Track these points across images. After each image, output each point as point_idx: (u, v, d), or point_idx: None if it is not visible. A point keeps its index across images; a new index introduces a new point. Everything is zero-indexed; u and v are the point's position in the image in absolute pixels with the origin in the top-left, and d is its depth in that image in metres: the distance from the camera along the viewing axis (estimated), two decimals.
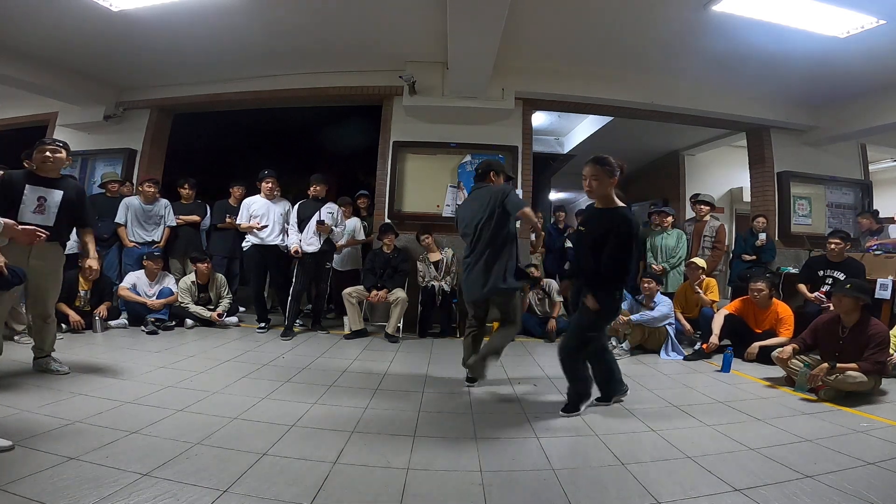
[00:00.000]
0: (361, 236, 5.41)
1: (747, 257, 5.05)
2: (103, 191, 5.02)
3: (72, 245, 4.61)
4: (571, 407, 2.52)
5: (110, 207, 4.78)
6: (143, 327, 4.12)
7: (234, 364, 3.27)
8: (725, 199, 8.15)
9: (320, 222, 4.34)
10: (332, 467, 1.80)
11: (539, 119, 7.44)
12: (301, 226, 4.38)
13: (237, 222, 4.65)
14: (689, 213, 6.24)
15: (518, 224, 3.05)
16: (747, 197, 6.72)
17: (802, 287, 4.41)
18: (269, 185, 4.61)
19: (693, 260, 4.54)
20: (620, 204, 2.44)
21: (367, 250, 5.33)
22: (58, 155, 2.86)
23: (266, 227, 4.51)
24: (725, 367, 3.57)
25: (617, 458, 1.99)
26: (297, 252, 4.30)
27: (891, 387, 3.06)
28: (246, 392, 2.66)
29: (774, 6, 3.60)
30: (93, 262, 2.83)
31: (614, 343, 4.06)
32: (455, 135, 5.33)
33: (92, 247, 3.01)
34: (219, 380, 2.86)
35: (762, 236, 5.01)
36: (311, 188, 4.46)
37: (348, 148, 7.42)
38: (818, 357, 3.14)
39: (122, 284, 4.38)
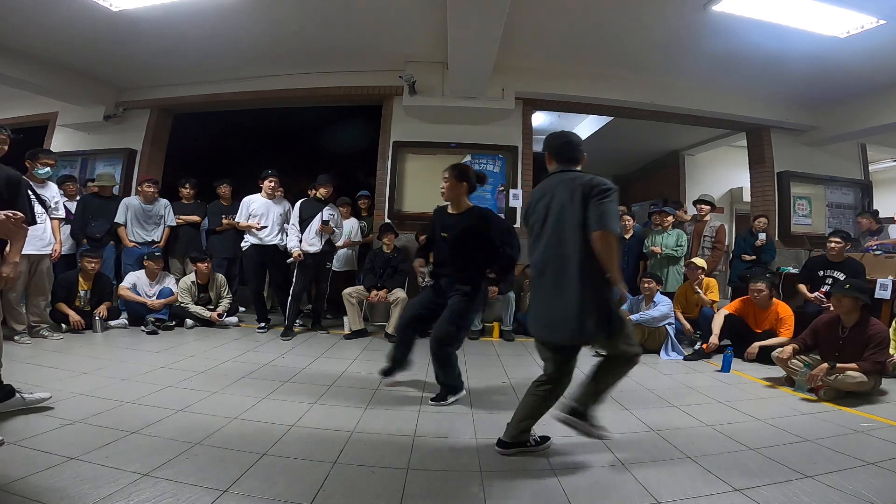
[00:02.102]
0: (358, 237, 5.41)
1: (747, 257, 5.04)
2: (98, 191, 5.00)
3: (72, 246, 4.66)
4: (441, 397, 2.63)
5: (100, 207, 4.77)
6: (143, 327, 4.11)
7: (234, 364, 3.27)
8: (725, 199, 8.16)
9: (325, 223, 4.34)
10: (331, 467, 1.80)
11: (539, 119, 7.44)
12: (302, 226, 4.37)
13: (236, 220, 4.64)
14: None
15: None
16: (747, 197, 6.72)
17: (802, 287, 4.41)
18: (272, 184, 4.61)
19: (693, 260, 4.53)
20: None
21: (365, 251, 5.33)
22: None
23: (265, 227, 4.51)
24: (725, 367, 3.57)
25: (617, 458, 1.99)
26: (299, 256, 4.30)
27: (891, 387, 3.06)
28: (246, 392, 2.66)
29: (774, 6, 3.60)
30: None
31: None
32: (455, 135, 5.33)
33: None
34: (219, 380, 2.85)
35: (762, 236, 5.00)
36: (318, 189, 4.44)
37: (348, 148, 7.42)
38: (818, 357, 3.14)
39: (122, 284, 4.38)
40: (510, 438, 1.99)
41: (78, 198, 4.95)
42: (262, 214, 4.52)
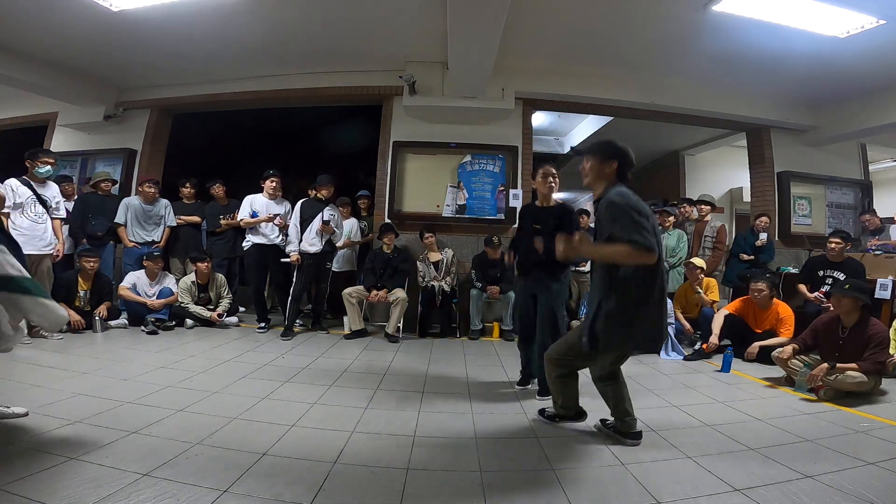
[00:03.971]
0: (358, 237, 5.42)
1: (746, 257, 5.02)
2: (94, 190, 5.01)
3: (69, 246, 4.65)
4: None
5: (101, 205, 4.79)
6: (143, 327, 4.12)
7: (234, 364, 3.27)
8: (725, 199, 8.15)
9: (325, 223, 4.34)
10: (331, 467, 1.80)
11: (539, 119, 7.44)
12: (303, 226, 4.37)
13: (239, 217, 4.64)
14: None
15: None
16: (747, 197, 6.71)
17: (802, 287, 4.41)
18: (274, 184, 4.61)
19: (692, 260, 4.53)
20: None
21: (365, 251, 5.34)
22: None
23: (278, 215, 4.53)
24: (725, 367, 3.57)
25: (617, 458, 1.99)
26: (297, 261, 4.32)
27: (891, 387, 3.06)
28: (246, 392, 2.66)
29: (774, 6, 3.60)
30: None
31: None
32: (455, 135, 5.32)
33: None
34: (219, 380, 2.86)
35: (763, 236, 4.97)
36: (319, 190, 4.45)
37: (348, 148, 7.42)
38: (818, 357, 3.14)
39: (122, 284, 4.38)
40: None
41: (75, 197, 4.95)
42: (262, 214, 4.53)
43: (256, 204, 4.56)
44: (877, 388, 2.94)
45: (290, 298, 4.35)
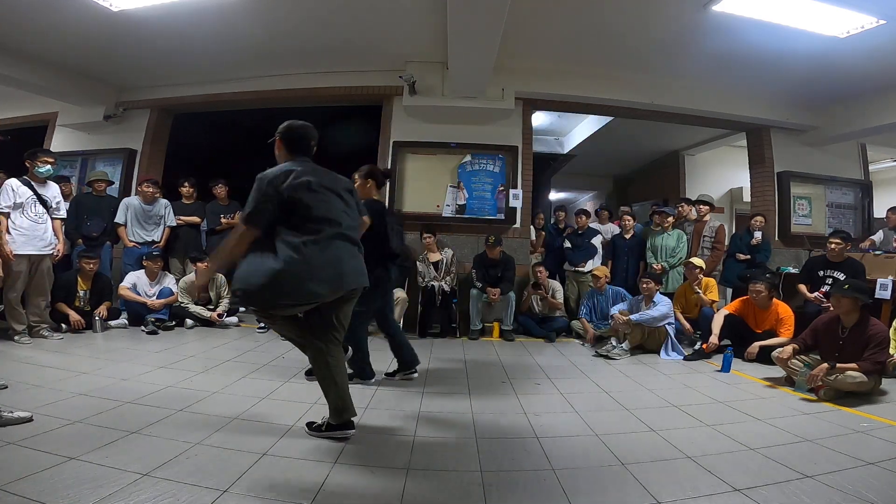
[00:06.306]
0: None
1: (742, 256, 5.01)
2: (90, 190, 5.00)
3: (66, 246, 4.64)
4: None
5: (96, 206, 4.79)
6: (143, 327, 4.12)
7: (234, 364, 3.27)
8: (725, 199, 8.16)
9: None
10: (331, 467, 1.80)
11: (539, 119, 7.44)
12: None
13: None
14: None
15: None
16: (747, 197, 6.72)
17: (802, 287, 4.41)
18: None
19: (691, 260, 4.53)
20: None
21: None
22: None
23: None
24: (725, 367, 3.57)
25: (617, 458, 1.99)
26: None
27: (891, 387, 3.06)
28: (246, 392, 2.66)
29: (774, 6, 3.60)
30: None
31: (614, 343, 4.06)
32: (455, 135, 5.32)
33: None
34: (219, 380, 2.86)
35: (757, 235, 4.97)
36: None
37: (348, 148, 7.41)
38: (818, 357, 3.14)
39: (122, 284, 4.39)
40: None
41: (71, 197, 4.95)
42: None
43: None
44: (877, 388, 2.94)
45: None
